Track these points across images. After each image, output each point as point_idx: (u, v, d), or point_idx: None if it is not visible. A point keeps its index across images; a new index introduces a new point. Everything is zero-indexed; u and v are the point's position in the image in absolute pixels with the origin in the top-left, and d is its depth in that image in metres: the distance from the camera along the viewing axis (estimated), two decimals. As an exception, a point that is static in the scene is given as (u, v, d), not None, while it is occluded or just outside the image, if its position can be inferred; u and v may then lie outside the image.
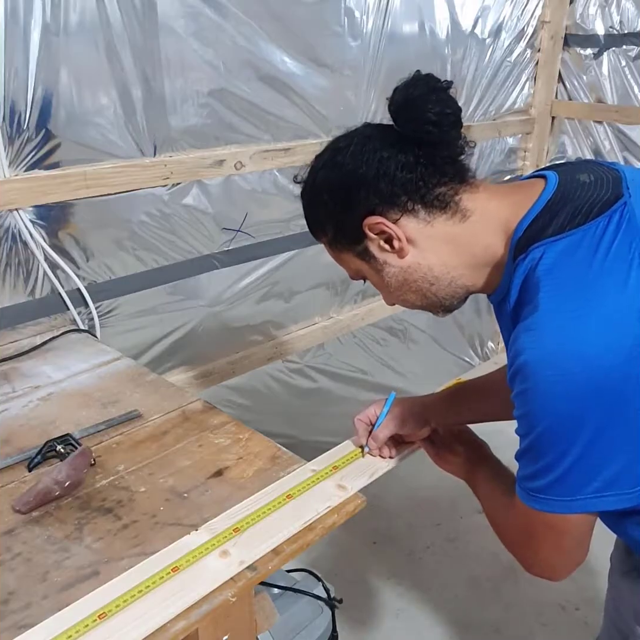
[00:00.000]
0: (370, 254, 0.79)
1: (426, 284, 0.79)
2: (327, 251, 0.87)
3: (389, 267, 0.79)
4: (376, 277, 0.82)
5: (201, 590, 0.70)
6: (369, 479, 0.92)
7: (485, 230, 0.75)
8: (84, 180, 1.35)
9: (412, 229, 0.76)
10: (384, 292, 0.85)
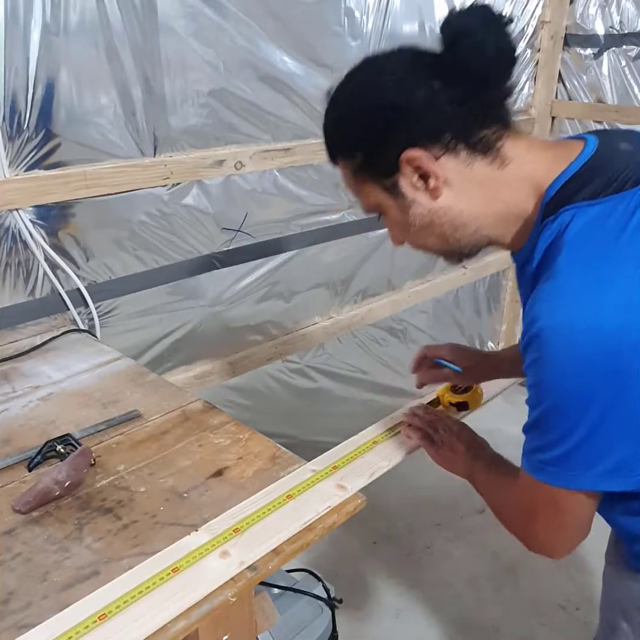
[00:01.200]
0: (399, 189, 0.74)
1: (451, 229, 0.75)
2: (344, 177, 0.81)
3: (417, 206, 0.74)
4: (398, 215, 0.76)
5: (201, 591, 0.70)
6: (368, 478, 0.92)
7: (521, 183, 0.72)
8: (84, 180, 1.35)
9: (450, 169, 0.71)
10: (401, 231, 0.79)
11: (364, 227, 2.04)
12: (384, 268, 2.18)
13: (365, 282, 2.13)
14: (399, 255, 2.20)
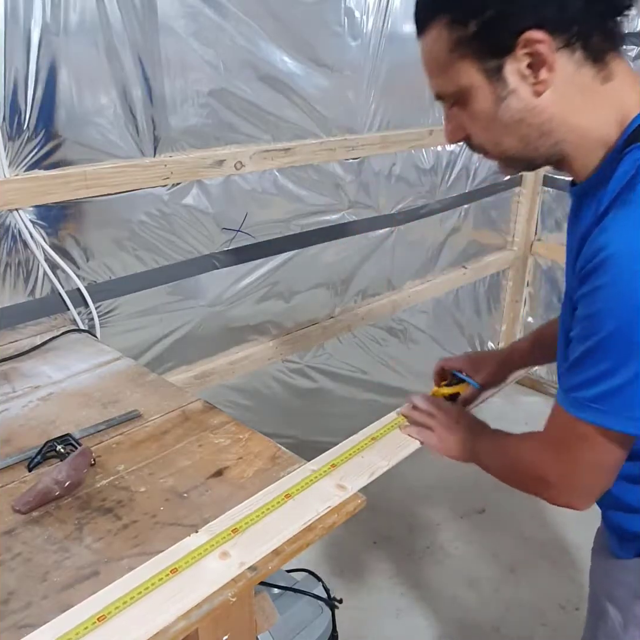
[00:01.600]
0: (502, 74, 0.67)
1: (537, 134, 0.70)
2: (430, 50, 0.73)
3: (515, 98, 0.68)
4: (488, 104, 0.69)
5: (201, 592, 0.70)
6: (368, 478, 0.92)
7: (615, 103, 0.68)
8: (84, 180, 1.35)
9: (561, 67, 0.66)
10: (480, 123, 0.72)
11: (364, 227, 2.04)
12: (384, 268, 2.18)
13: (365, 282, 2.13)
14: (399, 255, 2.20)
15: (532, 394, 2.75)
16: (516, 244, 2.70)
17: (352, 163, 1.90)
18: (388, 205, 2.09)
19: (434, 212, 2.27)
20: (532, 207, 2.64)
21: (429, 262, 2.35)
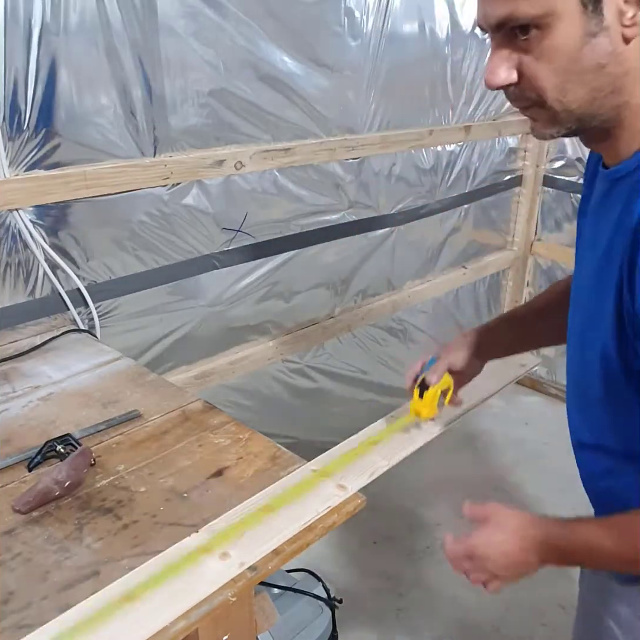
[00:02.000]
0: (600, 5, 0.58)
1: (610, 88, 0.61)
2: None
3: (606, 38, 0.59)
4: (573, 38, 0.59)
5: (201, 592, 0.70)
6: (368, 478, 0.92)
7: None
8: (84, 180, 1.35)
9: None
10: (555, 63, 0.61)
11: (364, 227, 2.04)
12: (384, 268, 2.18)
13: (365, 282, 2.13)
14: (399, 255, 2.20)
15: (532, 394, 2.75)
16: (516, 244, 2.70)
17: (352, 163, 1.90)
18: (388, 205, 2.09)
19: (434, 212, 2.27)
20: (532, 207, 2.64)
21: (429, 262, 2.35)
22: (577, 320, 0.77)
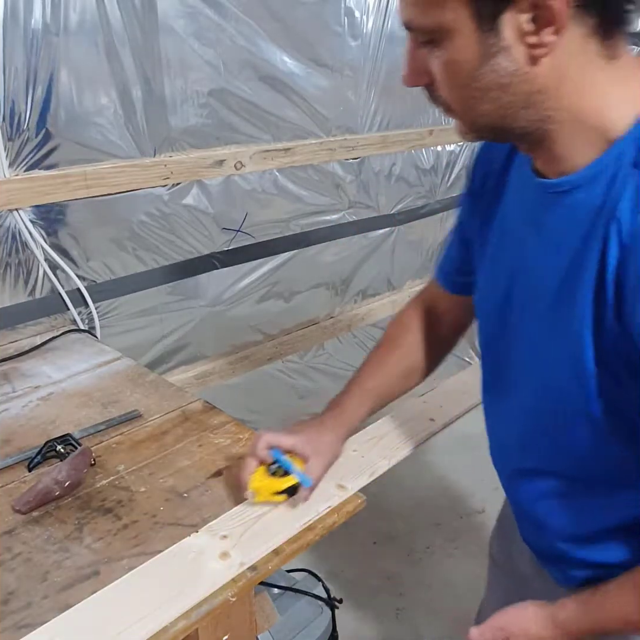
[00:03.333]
0: (498, 26, 0.53)
1: (521, 104, 0.57)
2: None
3: (507, 58, 0.55)
4: (469, 56, 0.56)
5: (201, 592, 0.70)
6: (368, 478, 0.92)
7: (622, 84, 0.57)
8: (84, 180, 1.35)
9: (569, 31, 0.53)
10: (455, 78, 0.58)
11: (364, 227, 2.04)
12: (384, 268, 2.18)
13: (365, 282, 2.13)
14: (399, 255, 2.20)
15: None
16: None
17: (352, 163, 1.90)
18: (388, 205, 2.09)
19: (434, 212, 2.27)
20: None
21: (429, 262, 2.35)
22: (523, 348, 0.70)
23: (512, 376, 0.73)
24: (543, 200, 0.64)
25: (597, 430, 0.63)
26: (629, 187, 0.55)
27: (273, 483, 0.79)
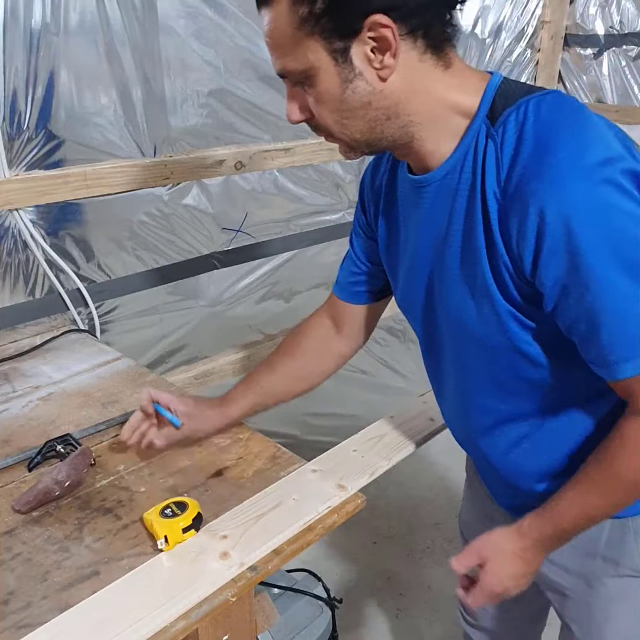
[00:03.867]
0: (349, 56, 0.67)
1: (384, 117, 0.70)
2: (275, 25, 0.73)
3: (361, 81, 0.68)
4: (334, 85, 0.68)
5: (201, 592, 0.70)
6: (369, 478, 0.92)
7: (460, 87, 0.71)
8: (84, 180, 1.35)
9: (404, 53, 0.67)
10: (326, 104, 0.70)
11: (364, 227, 2.04)
12: (384, 268, 2.18)
13: (365, 282, 2.13)
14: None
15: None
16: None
17: (352, 163, 1.90)
18: (388, 205, 2.09)
19: (434, 212, 2.27)
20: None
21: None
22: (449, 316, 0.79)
23: (444, 343, 0.83)
24: (417, 193, 0.76)
25: (532, 362, 0.74)
26: (489, 152, 0.67)
27: (176, 523, 0.77)
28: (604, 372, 0.68)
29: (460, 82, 0.71)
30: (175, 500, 0.80)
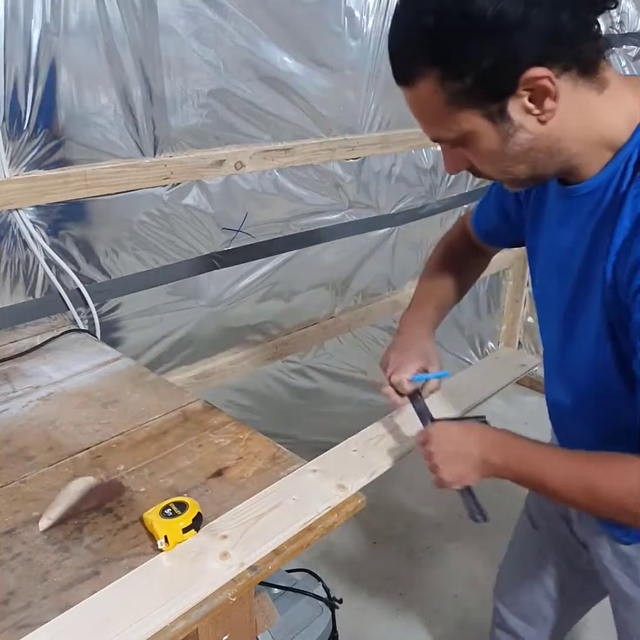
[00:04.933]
0: (506, 114, 0.66)
1: (547, 156, 0.70)
2: (423, 103, 0.68)
3: (523, 132, 0.67)
4: (495, 143, 0.68)
5: (201, 592, 0.70)
6: (369, 478, 0.92)
7: (615, 107, 0.69)
8: (84, 180, 1.35)
9: (562, 91, 0.65)
10: (489, 159, 0.72)
11: (364, 227, 2.04)
12: (384, 268, 2.18)
13: (365, 282, 2.13)
14: (399, 255, 2.20)
15: (532, 394, 2.75)
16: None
17: (352, 163, 1.90)
18: (388, 205, 2.09)
19: (434, 212, 2.27)
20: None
21: (429, 262, 2.35)
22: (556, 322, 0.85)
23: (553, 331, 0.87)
24: (567, 204, 0.77)
25: (604, 370, 0.78)
26: (630, 175, 0.68)
27: (176, 523, 0.77)
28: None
29: (614, 104, 0.69)
30: (175, 500, 0.80)
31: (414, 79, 0.67)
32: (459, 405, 1.15)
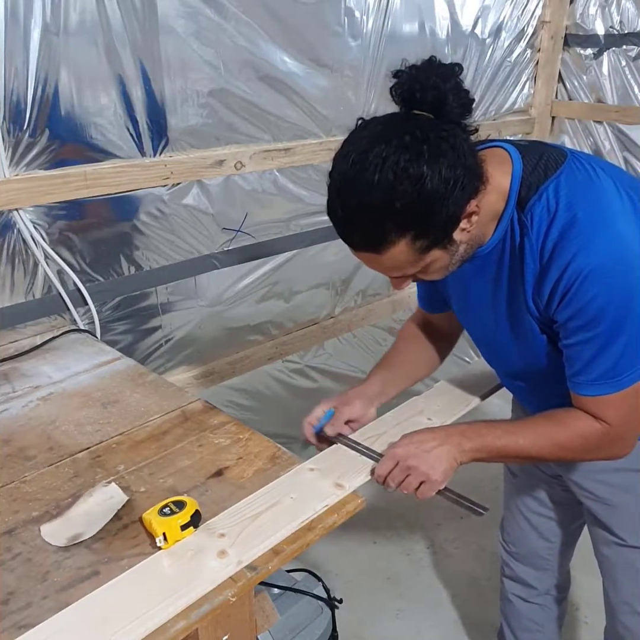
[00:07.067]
0: (453, 240, 0.82)
1: (475, 246, 0.88)
2: (395, 260, 0.81)
3: (462, 244, 0.85)
4: (446, 260, 0.85)
5: (200, 590, 0.70)
6: (366, 477, 0.92)
7: (494, 190, 0.85)
8: (84, 180, 1.35)
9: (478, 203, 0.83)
10: (440, 272, 0.87)
11: (364, 227, 2.04)
12: (384, 268, 2.17)
13: (365, 282, 2.13)
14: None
15: (532, 394, 2.75)
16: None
17: (352, 163, 1.90)
18: (388, 205, 2.09)
19: (434, 212, 2.27)
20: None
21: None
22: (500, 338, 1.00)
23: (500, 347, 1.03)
24: (481, 262, 0.93)
25: (547, 350, 0.94)
26: (518, 230, 0.86)
27: (174, 520, 0.77)
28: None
29: (493, 188, 0.84)
30: (173, 500, 0.80)
31: (385, 247, 0.79)
32: (458, 404, 1.15)
